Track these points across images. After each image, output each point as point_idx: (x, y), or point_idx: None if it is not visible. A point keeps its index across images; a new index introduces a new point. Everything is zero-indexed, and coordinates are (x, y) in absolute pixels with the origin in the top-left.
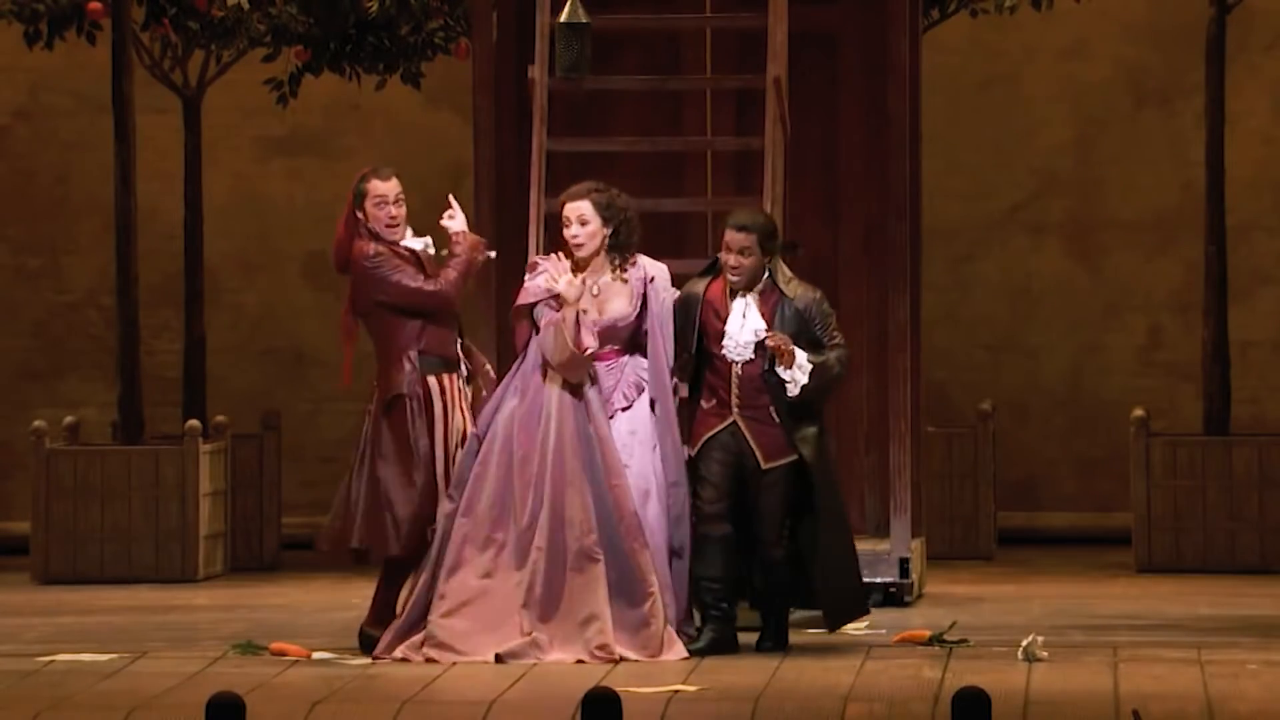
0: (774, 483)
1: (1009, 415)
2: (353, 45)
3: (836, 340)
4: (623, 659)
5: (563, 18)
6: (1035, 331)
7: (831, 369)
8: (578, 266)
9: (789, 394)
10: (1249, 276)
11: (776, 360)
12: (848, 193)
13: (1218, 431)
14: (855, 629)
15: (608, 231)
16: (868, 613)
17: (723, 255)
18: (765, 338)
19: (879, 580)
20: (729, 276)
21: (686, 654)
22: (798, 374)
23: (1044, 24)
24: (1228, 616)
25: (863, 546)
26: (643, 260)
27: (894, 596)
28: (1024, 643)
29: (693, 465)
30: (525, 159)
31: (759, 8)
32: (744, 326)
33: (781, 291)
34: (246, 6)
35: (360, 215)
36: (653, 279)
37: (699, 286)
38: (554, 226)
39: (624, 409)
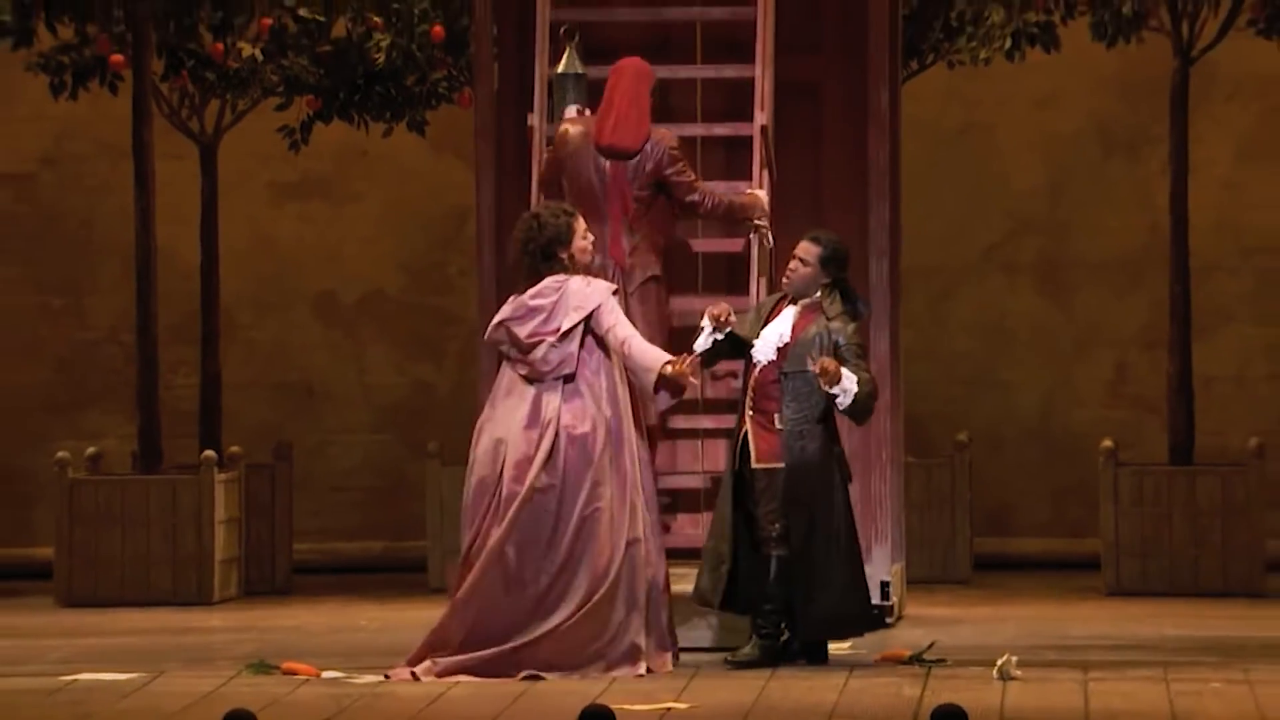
0: (763, 483)
1: (984, 446)
2: (361, 95)
3: (862, 367)
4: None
5: (560, 69)
6: (1009, 366)
7: (864, 385)
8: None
9: (839, 405)
10: (1212, 314)
11: (823, 381)
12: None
13: (1182, 462)
14: (838, 648)
15: None
16: (856, 634)
17: None
18: (812, 366)
19: None
20: (783, 278)
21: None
22: (849, 385)
23: (1017, 75)
24: (1192, 637)
25: None
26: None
27: (876, 618)
28: (999, 662)
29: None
30: (525, 202)
31: (747, 59)
32: (777, 332)
33: (824, 313)
34: (260, 58)
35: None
36: None
37: (771, 300)
38: None
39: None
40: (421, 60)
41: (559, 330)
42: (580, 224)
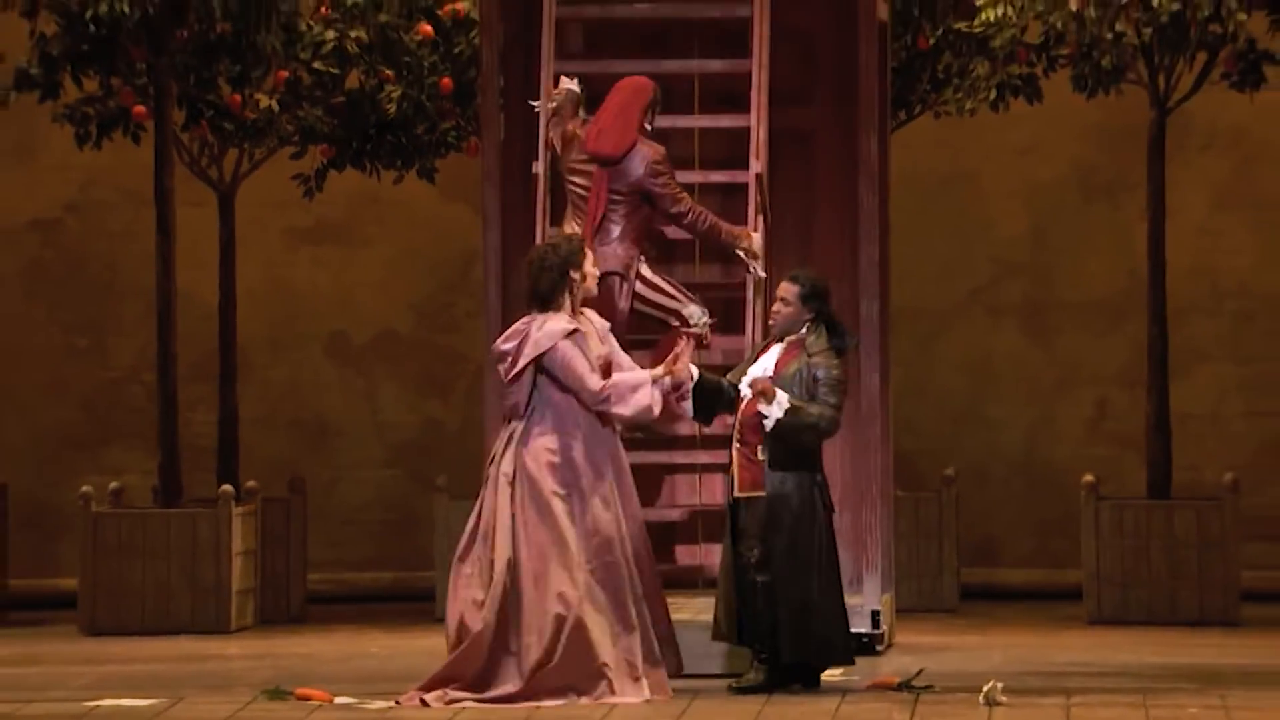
0: (745, 512)
1: (970, 480)
2: (373, 143)
3: (829, 401)
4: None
5: None
6: (994, 404)
7: (808, 415)
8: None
9: (765, 426)
10: (1188, 355)
11: (760, 400)
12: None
13: (1160, 496)
14: (831, 675)
15: None
16: (835, 664)
17: None
18: (753, 379)
19: (853, 630)
20: (769, 320)
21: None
22: (775, 409)
23: (1001, 125)
24: (1170, 665)
25: None
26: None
27: (866, 646)
28: (985, 688)
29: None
30: (529, 246)
31: (743, 110)
32: (762, 367)
33: (805, 349)
34: (277, 109)
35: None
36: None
37: (763, 343)
38: None
39: None
40: (431, 111)
41: (512, 375)
42: (589, 252)
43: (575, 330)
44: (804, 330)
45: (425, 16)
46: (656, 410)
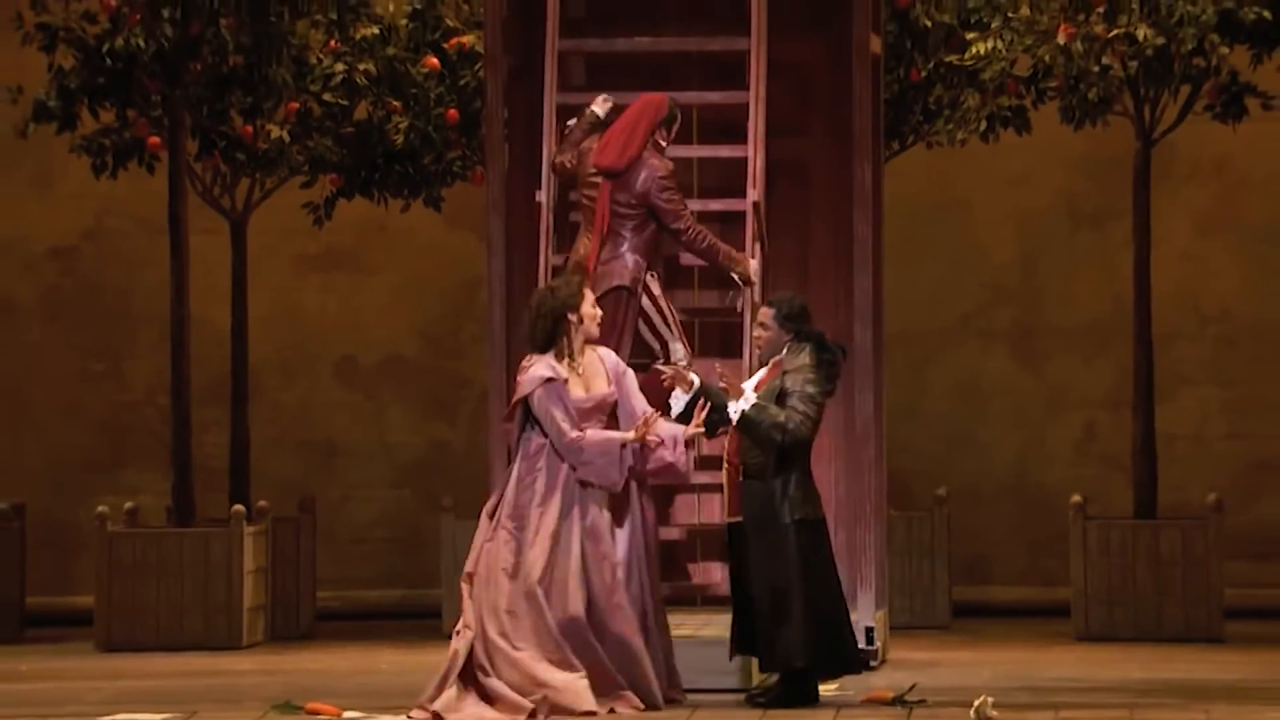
0: (735, 536)
1: (962, 500)
2: (381, 173)
3: (796, 408)
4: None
5: None
6: (985, 426)
7: (774, 414)
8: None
9: (731, 419)
10: (1173, 378)
11: (729, 396)
12: (818, 302)
13: (1146, 516)
14: (827, 689)
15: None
16: (826, 673)
17: None
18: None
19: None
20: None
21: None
22: (741, 404)
23: (992, 155)
24: (1156, 680)
25: None
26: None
27: (861, 661)
28: (976, 703)
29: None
30: (533, 273)
31: (741, 140)
32: (748, 388)
33: (784, 367)
34: (287, 139)
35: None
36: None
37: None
38: None
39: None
40: (437, 141)
41: (506, 413)
42: (589, 293)
43: (552, 379)
44: (785, 351)
45: (432, 50)
46: (619, 485)
